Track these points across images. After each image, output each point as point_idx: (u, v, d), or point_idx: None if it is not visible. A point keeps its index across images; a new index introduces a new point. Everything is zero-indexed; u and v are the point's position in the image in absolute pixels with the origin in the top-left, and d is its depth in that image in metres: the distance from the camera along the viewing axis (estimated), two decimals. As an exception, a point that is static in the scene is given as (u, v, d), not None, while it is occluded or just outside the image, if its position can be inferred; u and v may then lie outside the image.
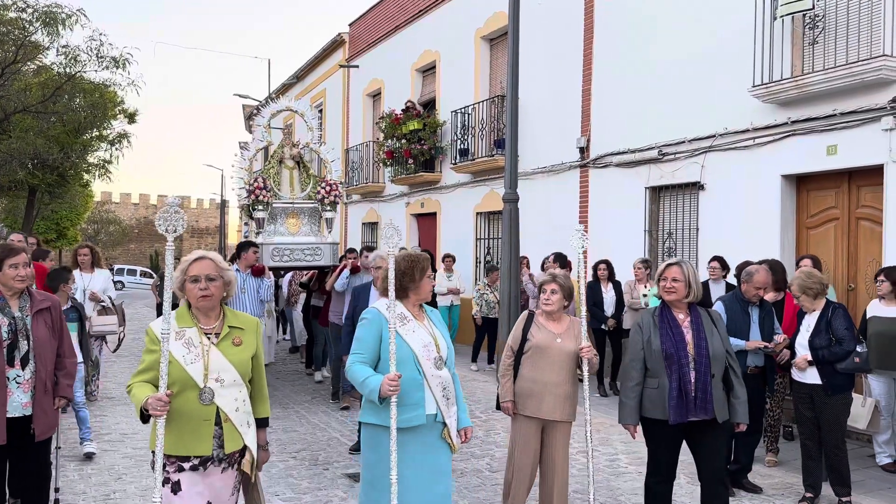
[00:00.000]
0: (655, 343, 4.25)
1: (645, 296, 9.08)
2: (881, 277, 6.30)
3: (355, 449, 6.56)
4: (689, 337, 4.23)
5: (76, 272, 8.22)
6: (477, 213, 14.26)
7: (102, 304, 8.33)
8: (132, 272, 46.80)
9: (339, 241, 16.84)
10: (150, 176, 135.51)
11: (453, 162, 14.43)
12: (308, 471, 6.15)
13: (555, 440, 4.47)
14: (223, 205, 46.13)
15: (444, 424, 3.67)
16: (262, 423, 3.36)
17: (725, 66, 8.82)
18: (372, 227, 19.14)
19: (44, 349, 4.09)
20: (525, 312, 4.68)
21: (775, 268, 6.46)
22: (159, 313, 14.53)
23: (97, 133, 19.56)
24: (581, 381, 4.46)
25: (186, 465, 3.07)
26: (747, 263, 6.45)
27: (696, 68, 9.30)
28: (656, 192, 10.19)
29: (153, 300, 27.02)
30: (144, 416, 2.98)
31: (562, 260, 9.47)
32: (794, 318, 6.02)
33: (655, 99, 9.94)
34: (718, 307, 6.04)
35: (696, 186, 9.38)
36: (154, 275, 47.20)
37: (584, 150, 11.33)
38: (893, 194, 7.22)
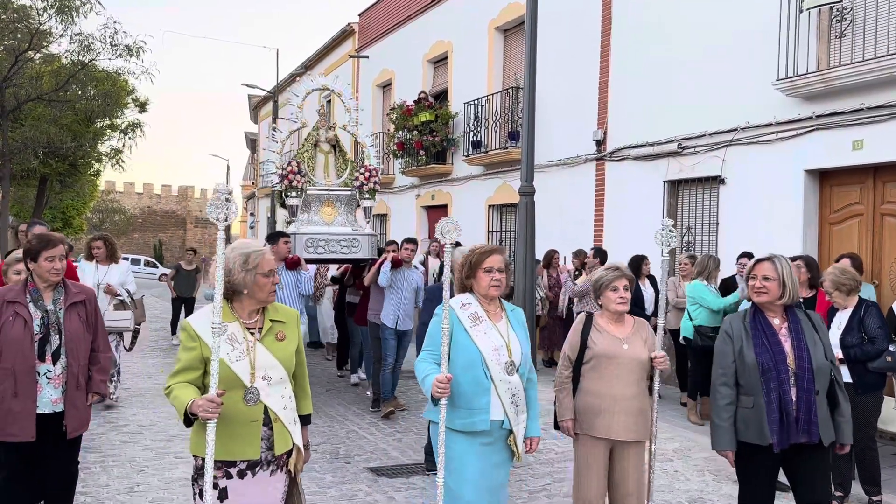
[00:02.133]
0: (749, 355, 3.66)
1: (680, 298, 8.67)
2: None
3: (429, 467, 5.85)
4: (788, 347, 3.64)
5: (91, 264, 7.92)
6: (489, 206, 14.17)
7: (119, 297, 7.91)
8: (136, 262, 46.75)
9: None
10: (154, 165, 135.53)
11: (466, 154, 14.33)
12: (330, 464, 6.10)
13: (627, 463, 3.92)
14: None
15: (511, 432, 3.46)
16: (304, 421, 3.20)
17: (748, 59, 8.71)
18: (381, 218, 19.05)
19: (77, 343, 3.97)
20: (581, 315, 4.12)
21: (810, 264, 6.37)
22: (174, 308, 13.97)
23: (108, 122, 19.47)
24: (650, 393, 3.93)
25: (233, 471, 2.90)
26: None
27: (718, 60, 9.19)
28: (675, 186, 10.10)
29: (159, 290, 27.06)
30: (188, 420, 2.77)
31: (602, 255, 9.23)
32: (826, 316, 5.94)
33: (675, 91, 9.83)
34: (744, 304, 5.98)
35: (717, 180, 9.28)
36: (158, 264, 47.12)
37: (600, 143, 11.24)
38: (921, 190, 7.14)
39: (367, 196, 8.51)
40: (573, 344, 4.02)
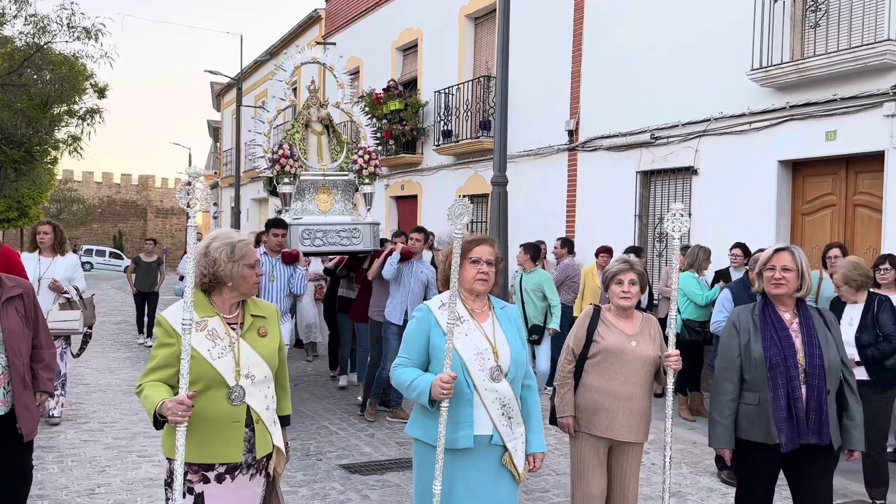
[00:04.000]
0: (756, 349, 3.46)
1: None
2: (886, 266, 6.14)
3: None
4: (798, 342, 3.45)
5: (33, 255, 6.76)
6: (460, 196, 13.99)
7: (66, 295, 6.76)
8: (101, 253, 45.83)
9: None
10: (113, 154, 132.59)
11: (436, 143, 14.15)
12: (300, 462, 5.91)
13: (626, 464, 3.74)
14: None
15: (505, 448, 3.05)
16: (283, 422, 2.99)
17: (722, 49, 8.67)
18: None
19: (17, 340, 3.69)
20: (589, 308, 3.88)
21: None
22: (137, 305, 13.02)
23: (66, 108, 18.81)
24: (661, 395, 3.71)
25: (211, 475, 2.70)
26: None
27: (691, 50, 9.14)
28: (647, 177, 10.05)
29: (122, 281, 26.40)
30: (158, 422, 2.56)
31: (569, 245, 9.07)
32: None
33: (648, 81, 9.77)
34: (725, 294, 5.92)
35: (690, 171, 9.26)
36: (123, 256, 46.12)
37: (572, 133, 11.15)
38: (894, 181, 7.17)
39: (366, 181, 7.76)
40: (578, 337, 3.78)
